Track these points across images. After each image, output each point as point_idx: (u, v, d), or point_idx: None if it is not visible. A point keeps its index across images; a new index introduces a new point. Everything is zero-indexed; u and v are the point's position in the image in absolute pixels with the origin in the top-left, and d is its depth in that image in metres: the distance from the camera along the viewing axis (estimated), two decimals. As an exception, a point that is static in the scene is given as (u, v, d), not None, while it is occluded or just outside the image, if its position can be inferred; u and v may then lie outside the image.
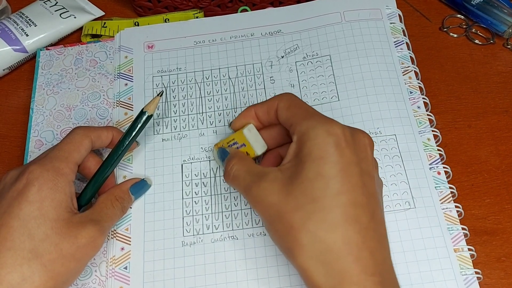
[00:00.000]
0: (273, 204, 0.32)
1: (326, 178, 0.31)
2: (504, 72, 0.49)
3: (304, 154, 0.32)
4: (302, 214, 0.31)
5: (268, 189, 0.33)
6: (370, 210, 0.31)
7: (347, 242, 0.30)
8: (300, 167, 0.32)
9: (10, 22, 0.51)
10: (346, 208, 0.30)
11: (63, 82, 0.48)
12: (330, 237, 0.30)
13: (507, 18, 0.49)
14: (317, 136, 0.32)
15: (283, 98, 0.37)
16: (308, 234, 0.30)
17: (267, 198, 0.32)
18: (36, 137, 0.46)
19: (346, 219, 0.30)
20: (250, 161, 0.37)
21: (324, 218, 0.30)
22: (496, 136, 0.45)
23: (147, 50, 0.49)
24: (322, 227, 0.30)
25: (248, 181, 0.35)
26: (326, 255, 0.30)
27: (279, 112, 0.36)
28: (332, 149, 0.31)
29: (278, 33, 0.48)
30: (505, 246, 0.41)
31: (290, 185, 0.32)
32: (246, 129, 0.38)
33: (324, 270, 0.30)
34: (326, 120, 0.33)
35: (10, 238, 0.33)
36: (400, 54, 0.46)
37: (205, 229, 0.41)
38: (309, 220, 0.30)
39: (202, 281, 0.39)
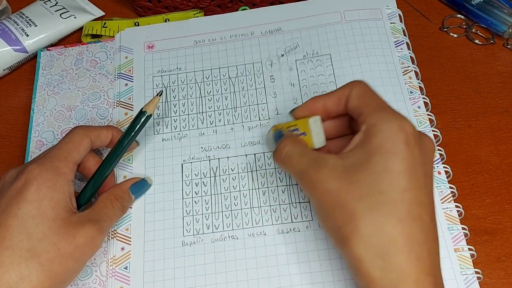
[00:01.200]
0: (333, 191, 0.31)
1: (394, 173, 0.30)
2: (504, 72, 0.49)
3: (374, 145, 0.31)
4: (367, 204, 0.30)
5: (329, 175, 0.32)
6: (431, 211, 0.31)
7: (410, 239, 0.29)
8: (367, 158, 0.31)
9: (10, 22, 0.51)
10: (411, 205, 0.30)
11: (64, 82, 0.48)
12: (393, 231, 0.29)
13: (507, 18, 0.49)
14: (389, 130, 0.31)
15: (356, 86, 0.35)
16: (370, 225, 0.30)
17: (326, 184, 0.32)
18: (37, 137, 0.46)
19: (410, 216, 0.30)
20: (305, 144, 0.36)
21: (390, 212, 0.30)
22: (496, 136, 0.45)
23: (147, 50, 0.49)
24: (387, 220, 0.30)
25: (303, 164, 0.34)
26: (387, 248, 0.29)
27: (351, 99, 0.35)
28: (403, 145, 0.31)
29: (278, 31, 0.48)
30: (505, 246, 0.41)
31: (354, 173, 0.31)
32: (312, 119, 0.36)
33: (383, 264, 0.29)
34: (399, 116, 0.33)
35: (8, 237, 0.33)
36: (400, 54, 0.46)
37: (205, 228, 0.41)
38: (374, 211, 0.30)
39: (202, 281, 0.39)
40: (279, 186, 0.42)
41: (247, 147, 0.43)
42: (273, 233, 0.40)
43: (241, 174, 0.42)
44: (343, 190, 0.31)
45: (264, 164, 0.43)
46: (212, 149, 0.44)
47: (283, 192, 0.41)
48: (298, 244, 0.39)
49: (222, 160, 0.43)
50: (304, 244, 0.39)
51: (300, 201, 0.41)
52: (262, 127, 0.44)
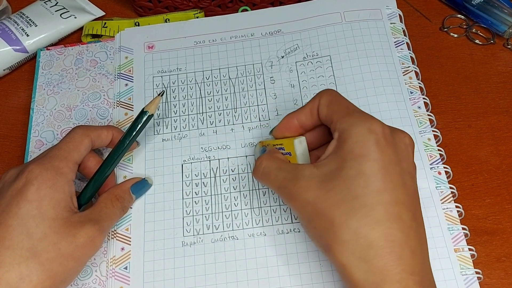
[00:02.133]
0: (311, 201, 0.32)
1: (367, 176, 0.30)
2: (505, 72, 0.49)
3: (345, 151, 0.32)
4: (343, 210, 0.30)
5: (305, 186, 0.32)
6: (411, 210, 0.31)
7: (390, 240, 0.29)
8: (340, 164, 0.31)
9: (11, 22, 0.51)
10: (388, 206, 0.30)
11: (64, 82, 0.48)
12: (372, 233, 0.29)
13: (507, 18, 0.49)
14: (358, 134, 0.32)
15: (323, 95, 0.36)
16: (350, 231, 0.30)
17: (304, 195, 0.32)
18: (37, 137, 0.46)
19: (388, 216, 0.30)
20: (281, 158, 0.37)
21: (367, 215, 0.30)
22: (496, 136, 0.45)
23: (147, 51, 0.49)
24: (365, 224, 0.30)
25: (281, 178, 0.34)
26: (368, 251, 0.29)
27: (320, 109, 0.35)
28: (373, 147, 0.31)
29: (278, 33, 0.48)
30: (506, 246, 0.41)
31: (329, 181, 0.31)
32: (297, 140, 0.36)
33: (365, 267, 0.29)
34: (367, 118, 0.33)
35: (9, 237, 0.33)
36: (400, 54, 0.46)
37: (205, 229, 0.41)
38: (351, 216, 0.30)
39: (202, 281, 0.39)
40: (279, 187, 0.42)
41: (247, 147, 0.43)
42: (273, 233, 0.40)
43: (241, 175, 0.42)
44: (321, 199, 0.31)
45: (264, 164, 0.43)
46: (212, 149, 0.44)
47: (283, 192, 0.41)
48: (298, 244, 0.39)
49: (222, 160, 0.43)
50: (304, 245, 0.39)
51: (300, 201, 0.41)
52: (262, 128, 0.44)
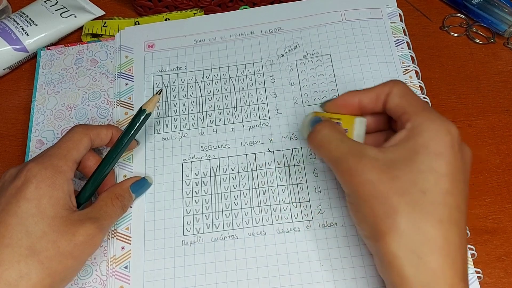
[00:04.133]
0: (373, 182, 0.31)
1: (438, 175, 0.30)
2: (505, 72, 0.48)
3: (419, 144, 0.31)
4: (408, 201, 0.30)
5: (369, 165, 0.31)
6: (465, 219, 0.31)
7: (449, 242, 0.29)
8: (411, 156, 0.31)
9: (11, 22, 0.51)
10: (452, 209, 0.30)
11: (64, 81, 0.48)
12: (433, 231, 0.29)
13: (507, 17, 0.49)
14: (437, 131, 0.31)
15: (397, 84, 0.35)
16: (410, 222, 0.29)
17: (367, 174, 0.31)
18: (37, 136, 0.46)
19: (451, 220, 0.30)
20: (342, 131, 0.35)
21: (432, 212, 0.29)
22: (496, 135, 0.45)
23: (147, 50, 0.49)
24: (427, 220, 0.29)
25: (342, 151, 0.33)
26: (424, 248, 0.29)
27: (392, 98, 0.34)
28: (449, 148, 0.31)
29: (279, 30, 0.48)
30: (506, 245, 0.41)
31: (396, 169, 0.31)
32: (359, 119, 0.36)
33: (417, 262, 0.29)
34: (445, 118, 0.32)
35: (8, 235, 0.33)
36: (400, 54, 0.46)
37: (205, 228, 0.41)
38: (415, 208, 0.29)
39: (203, 280, 0.39)
40: (279, 186, 0.42)
41: (247, 146, 0.43)
42: (273, 232, 0.40)
43: (241, 174, 0.42)
44: (384, 183, 0.30)
45: (265, 163, 0.43)
46: (212, 148, 0.44)
47: (283, 191, 0.41)
48: (298, 243, 0.39)
49: (222, 159, 0.43)
50: (304, 244, 0.39)
51: (301, 200, 0.41)
52: (262, 126, 0.44)
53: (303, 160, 0.42)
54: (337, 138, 0.34)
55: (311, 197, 0.41)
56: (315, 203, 0.41)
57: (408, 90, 0.35)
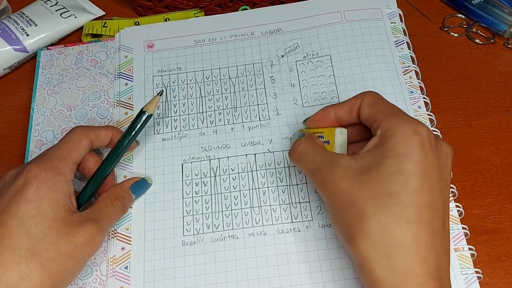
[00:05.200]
0: (344, 190, 0.32)
1: (406, 175, 0.30)
2: (505, 72, 0.48)
3: (387, 148, 0.32)
4: (376, 204, 0.30)
5: (341, 174, 0.32)
6: (442, 217, 0.31)
7: (418, 242, 0.30)
8: (380, 160, 0.31)
9: (11, 22, 0.51)
10: (421, 208, 0.30)
11: (64, 81, 0.48)
12: (401, 232, 0.29)
13: (507, 18, 0.49)
14: (403, 133, 0.32)
15: (366, 96, 0.36)
16: (378, 225, 0.30)
17: (338, 183, 0.32)
18: (37, 136, 0.46)
19: (420, 218, 0.30)
20: (319, 144, 0.37)
21: (399, 213, 0.30)
22: (496, 135, 0.45)
23: (147, 50, 0.49)
24: (395, 221, 0.30)
25: (317, 163, 0.34)
26: (393, 249, 0.29)
27: (362, 108, 0.36)
28: (416, 148, 0.31)
29: (278, 31, 0.48)
30: (506, 245, 0.41)
31: (366, 174, 0.31)
32: (339, 130, 0.37)
33: (387, 264, 0.29)
34: (413, 120, 0.33)
35: (8, 237, 0.33)
36: (400, 54, 0.46)
37: (205, 228, 0.41)
38: (383, 211, 0.30)
39: (203, 280, 0.39)
40: (279, 186, 0.42)
41: (247, 147, 0.43)
42: (273, 233, 0.40)
43: (241, 174, 0.42)
44: (355, 189, 0.31)
45: (264, 164, 0.43)
46: (212, 149, 0.44)
47: (283, 192, 0.41)
48: (298, 244, 0.39)
49: (222, 160, 0.43)
50: (304, 244, 0.39)
51: (300, 201, 0.41)
52: (262, 127, 0.44)
53: (303, 160, 0.42)
54: (312, 152, 0.35)
55: (311, 198, 0.41)
56: (315, 203, 0.41)
57: (377, 98, 0.36)
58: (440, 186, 0.31)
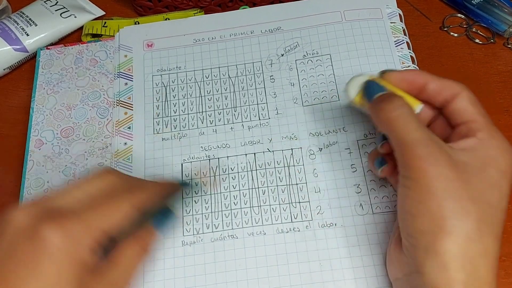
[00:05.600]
0: (448, 178, 0.30)
1: (502, 193, 0.31)
2: (505, 72, 0.48)
3: (490, 157, 0.31)
4: (478, 209, 0.30)
5: (446, 159, 0.31)
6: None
7: (497, 259, 0.31)
8: (483, 166, 0.31)
9: (11, 22, 0.51)
10: (503, 226, 0.31)
11: (63, 81, 0.48)
12: (492, 245, 0.30)
13: (507, 18, 0.49)
14: (506, 150, 0.32)
15: (467, 90, 0.34)
16: (478, 231, 0.30)
17: (443, 168, 0.30)
18: (36, 136, 0.46)
19: (500, 238, 0.31)
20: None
21: (494, 226, 0.30)
22: (496, 135, 0.45)
23: (147, 49, 0.49)
24: (489, 232, 0.30)
25: (422, 135, 0.31)
26: (480, 259, 0.30)
27: (461, 99, 0.34)
28: (510, 168, 0.32)
29: (278, 30, 0.48)
30: (506, 245, 0.41)
31: (467, 174, 0.31)
32: (419, 107, 0.35)
33: (471, 271, 0.29)
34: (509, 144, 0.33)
35: None
36: (400, 54, 0.46)
37: (205, 228, 0.41)
38: (482, 219, 0.30)
39: (202, 280, 0.39)
40: (279, 186, 0.42)
41: (247, 146, 0.43)
42: (272, 232, 0.40)
43: (240, 174, 0.42)
44: (460, 183, 0.30)
45: (264, 163, 0.43)
46: (212, 148, 0.44)
47: (283, 191, 0.41)
48: (297, 243, 0.39)
49: (222, 159, 0.43)
50: (304, 244, 0.39)
51: (300, 200, 0.41)
52: (262, 126, 0.44)
53: (303, 160, 0.42)
54: (416, 121, 0.32)
55: (311, 197, 0.41)
56: (314, 203, 0.41)
57: (477, 99, 0.35)
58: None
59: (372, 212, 0.40)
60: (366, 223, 0.40)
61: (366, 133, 0.43)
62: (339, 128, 0.43)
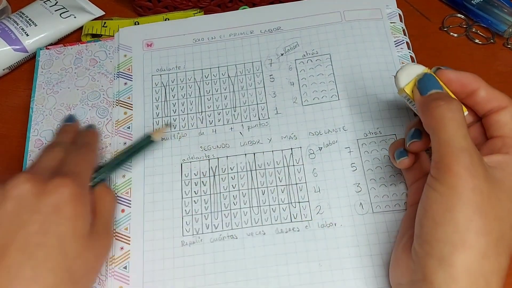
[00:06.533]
0: (483, 192, 0.30)
1: None
2: (505, 72, 0.48)
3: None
4: (501, 229, 0.30)
5: (483, 172, 0.30)
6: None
7: (504, 277, 0.31)
8: (509, 183, 0.32)
9: (10, 22, 0.51)
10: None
11: (63, 81, 0.48)
12: (505, 265, 0.30)
13: (507, 18, 0.49)
14: None
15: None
16: (496, 248, 0.30)
17: (479, 180, 0.30)
18: (36, 136, 0.46)
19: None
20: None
21: (509, 247, 0.31)
22: (496, 135, 0.45)
23: (146, 49, 0.49)
24: (505, 253, 0.30)
25: (469, 144, 0.31)
26: (493, 277, 0.30)
27: (505, 114, 0.34)
28: None
29: (278, 30, 0.48)
30: (506, 245, 0.41)
31: (499, 191, 0.31)
32: (465, 113, 0.34)
33: (483, 285, 0.29)
34: None
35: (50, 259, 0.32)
36: (400, 54, 0.46)
37: (205, 228, 0.41)
38: (502, 238, 0.30)
39: (202, 281, 0.39)
40: (278, 186, 0.42)
41: (247, 146, 0.43)
42: (272, 232, 0.40)
43: (240, 174, 0.42)
44: (491, 199, 0.30)
45: (264, 163, 0.43)
46: (212, 148, 0.44)
47: (283, 191, 0.41)
48: (297, 244, 0.39)
49: (222, 159, 0.43)
50: (303, 244, 0.39)
51: (300, 200, 0.41)
52: (262, 126, 0.44)
53: (302, 160, 0.42)
54: (466, 129, 0.31)
55: (310, 197, 0.41)
56: (314, 203, 0.41)
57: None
58: None
59: (372, 211, 0.40)
60: (366, 222, 0.39)
61: (366, 132, 0.43)
62: (338, 127, 0.43)
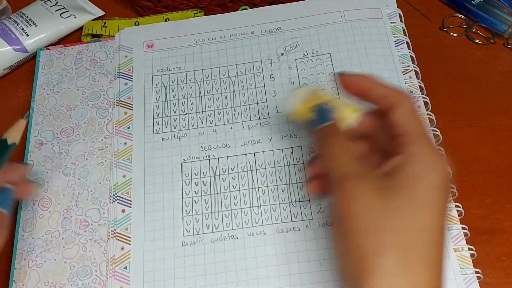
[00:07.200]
0: (369, 212, 0.29)
1: (435, 212, 0.29)
2: (505, 72, 0.48)
3: (417, 174, 0.29)
4: (404, 239, 0.28)
5: (368, 191, 0.29)
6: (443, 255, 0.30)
7: (435, 286, 0.28)
8: (410, 186, 0.29)
9: (11, 22, 0.51)
10: (441, 249, 0.29)
11: (63, 81, 0.48)
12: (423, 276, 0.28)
13: (507, 18, 0.49)
14: (435, 163, 0.30)
15: (408, 100, 0.33)
16: (401, 264, 0.27)
17: (363, 201, 0.29)
18: (36, 136, 0.46)
19: (439, 261, 0.28)
20: (355, 148, 0.33)
21: (426, 253, 0.28)
22: (496, 135, 0.45)
23: (147, 49, 0.49)
24: (421, 262, 0.28)
25: (351, 170, 0.31)
26: None
27: (400, 111, 0.32)
28: (445, 182, 0.30)
29: (278, 30, 0.48)
30: (506, 245, 0.41)
31: (394, 199, 0.29)
32: (357, 116, 0.35)
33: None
34: (439, 153, 0.31)
35: None
36: (400, 54, 0.46)
37: (205, 228, 0.41)
38: (409, 249, 0.28)
39: (202, 281, 0.39)
40: (278, 185, 0.42)
41: (247, 146, 0.43)
42: (272, 232, 0.40)
43: (240, 173, 0.42)
44: (384, 214, 0.29)
45: (264, 163, 0.43)
46: (212, 148, 0.44)
47: (283, 191, 0.41)
48: (298, 243, 0.39)
49: (222, 159, 0.43)
50: (304, 243, 0.39)
51: (300, 200, 0.41)
52: (262, 126, 0.44)
53: (303, 159, 0.42)
54: (350, 158, 0.32)
55: (311, 197, 0.41)
56: (314, 202, 0.41)
57: (415, 110, 0.33)
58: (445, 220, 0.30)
59: (372, 212, 0.40)
60: (366, 223, 0.39)
61: (366, 133, 0.43)
62: (339, 128, 0.43)
